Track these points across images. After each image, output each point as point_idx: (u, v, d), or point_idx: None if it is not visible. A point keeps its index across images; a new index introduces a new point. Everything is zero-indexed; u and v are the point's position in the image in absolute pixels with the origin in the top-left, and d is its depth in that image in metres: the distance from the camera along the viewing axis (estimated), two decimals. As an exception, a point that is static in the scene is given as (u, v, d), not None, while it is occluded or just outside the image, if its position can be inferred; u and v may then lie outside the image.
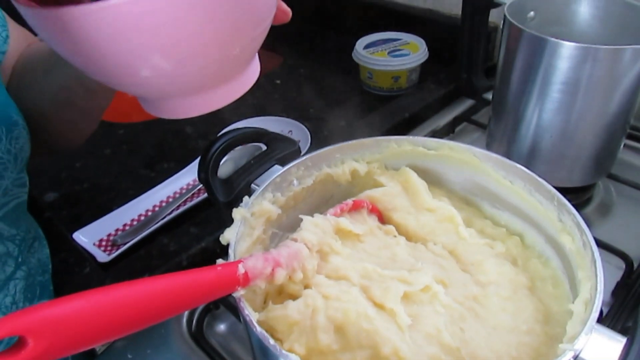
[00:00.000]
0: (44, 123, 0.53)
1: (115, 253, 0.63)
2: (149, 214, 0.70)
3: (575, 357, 0.32)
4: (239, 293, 0.35)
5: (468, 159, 0.48)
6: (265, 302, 0.41)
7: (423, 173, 0.51)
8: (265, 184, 0.45)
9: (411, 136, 0.50)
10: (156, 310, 0.31)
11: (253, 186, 0.47)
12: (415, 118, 0.89)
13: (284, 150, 0.50)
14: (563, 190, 0.43)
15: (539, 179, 0.44)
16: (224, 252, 0.40)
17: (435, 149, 0.50)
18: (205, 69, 0.33)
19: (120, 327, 0.30)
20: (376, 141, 0.50)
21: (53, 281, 0.58)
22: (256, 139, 0.51)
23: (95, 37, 0.29)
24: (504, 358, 0.38)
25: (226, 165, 0.49)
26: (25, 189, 0.52)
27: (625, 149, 0.74)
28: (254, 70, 0.39)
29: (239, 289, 0.35)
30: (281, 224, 0.48)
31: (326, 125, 0.91)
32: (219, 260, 0.37)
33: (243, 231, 0.42)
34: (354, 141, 0.50)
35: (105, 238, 0.66)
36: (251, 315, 0.35)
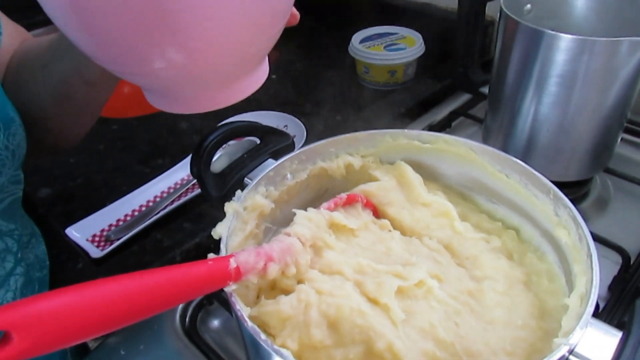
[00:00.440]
0: (43, 119, 0.53)
1: (109, 249, 0.63)
2: (143, 209, 0.70)
3: (571, 352, 0.32)
4: (230, 288, 0.35)
5: (464, 153, 0.48)
6: (258, 297, 0.41)
7: (418, 167, 0.50)
8: (258, 178, 0.45)
9: (406, 130, 0.50)
10: (145, 305, 0.30)
11: (246, 180, 0.47)
12: (412, 112, 0.88)
13: (277, 144, 0.50)
14: (560, 185, 0.42)
15: (535, 172, 0.44)
16: (218, 248, 0.39)
17: (431, 143, 0.49)
18: (220, 65, 0.33)
19: (108, 323, 0.29)
20: (371, 135, 0.50)
21: (46, 277, 0.57)
22: (249, 133, 0.51)
23: (111, 14, 0.28)
24: (499, 353, 0.38)
25: (221, 160, 0.49)
26: (20, 186, 0.51)
27: (622, 143, 0.73)
28: (264, 70, 0.38)
29: (231, 283, 0.35)
30: (275, 218, 0.47)
31: (322, 120, 0.90)
32: (211, 255, 0.36)
33: (235, 225, 0.41)
34: (349, 135, 0.49)
35: (99, 234, 0.66)
36: (243, 310, 0.34)
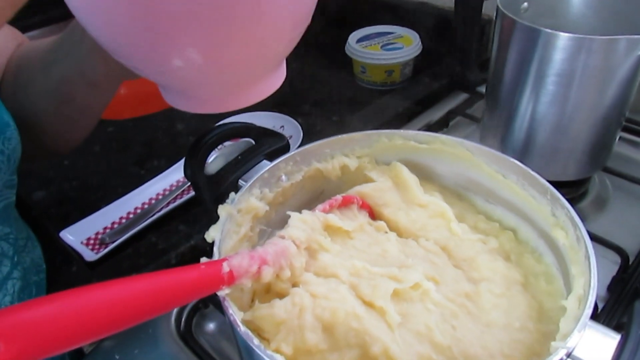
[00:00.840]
0: (43, 123, 0.52)
1: (103, 252, 0.62)
2: (138, 211, 0.69)
3: (569, 355, 0.31)
4: (223, 292, 0.35)
5: (460, 153, 0.47)
6: (253, 301, 0.40)
7: (414, 168, 0.50)
8: (252, 180, 0.44)
9: (402, 130, 0.49)
10: (135, 311, 0.30)
11: (240, 182, 0.46)
12: (409, 112, 0.88)
13: (272, 145, 0.49)
14: (558, 184, 0.42)
15: (532, 172, 0.43)
16: (213, 251, 0.39)
17: (427, 143, 0.49)
18: (241, 66, 0.32)
19: (97, 330, 0.28)
20: (366, 135, 0.49)
21: (40, 281, 0.57)
22: (244, 134, 0.50)
23: (136, 13, 0.27)
24: (497, 356, 0.37)
25: (216, 162, 0.48)
26: (14, 190, 0.51)
27: (620, 142, 0.73)
28: (282, 71, 0.38)
29: (224, 287, 0.34)
30: (270, 220, 0.47)
31: (319, 120, 0.90)
32: (203, 259, 0.36)
33: (229, 228, 0.41)
34: (344, 135, 0.49)
35: (93, 236, 0.65)
36: (235, 314, 0.34)
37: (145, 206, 0.70)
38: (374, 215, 0.49)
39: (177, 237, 0.62)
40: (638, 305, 0.32)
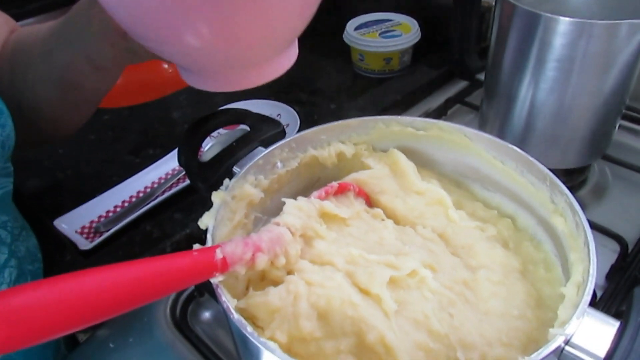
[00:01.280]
0: (43, 108, 0.51)
1: (97, 240, 0.61)
2: (133, 200, 0.68)
3: (567, 342, 0.31)
4: (217, 279, 0.34)
5: (458, 140, 0.47)
6: (247, 289, 0.40)
7: (412, 155, 0.49)
8: (247, 167, 0.44)
9: (399, 116, 0.48)
10: (127, 297, 0.29)
11: (235, 169, 0.45)
12: (408, 100, 0.87)
13: (267, 132, 0.48)
14: (557, 172, 0.41)
15: (531, 158, 0.42)
16: (208, 239, 0.38)
17: (425, 130, 0.48)
18: (256, 44, 0.33)
19: (87, 316, 0.28)
20: (363, 122, 0.49)
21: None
22: (239, 121, 0.50)
23: None
24: (495, 344, 0.37)
25: (212, 150, 0.48)
26: (10, 178, 0.50)
27: (620, 130, 0.72)
28: (294, 51, 0.39)
29: (217, 274, 0.34)
30: (265, 208, 0.46)
31: (316, 108, 0.89)
32: (196, 245, 0.35)
33: (223, 215, 0.40)
34: (340, 122, 0.48)
35: (88, 225, 0.65)
36: (229, 302, 0.33)
37: (141, 194, 0.69)
38: (370, 202, 0.48)
39: (173, 226, 0.61)
40: (638, 291, 0.31)
